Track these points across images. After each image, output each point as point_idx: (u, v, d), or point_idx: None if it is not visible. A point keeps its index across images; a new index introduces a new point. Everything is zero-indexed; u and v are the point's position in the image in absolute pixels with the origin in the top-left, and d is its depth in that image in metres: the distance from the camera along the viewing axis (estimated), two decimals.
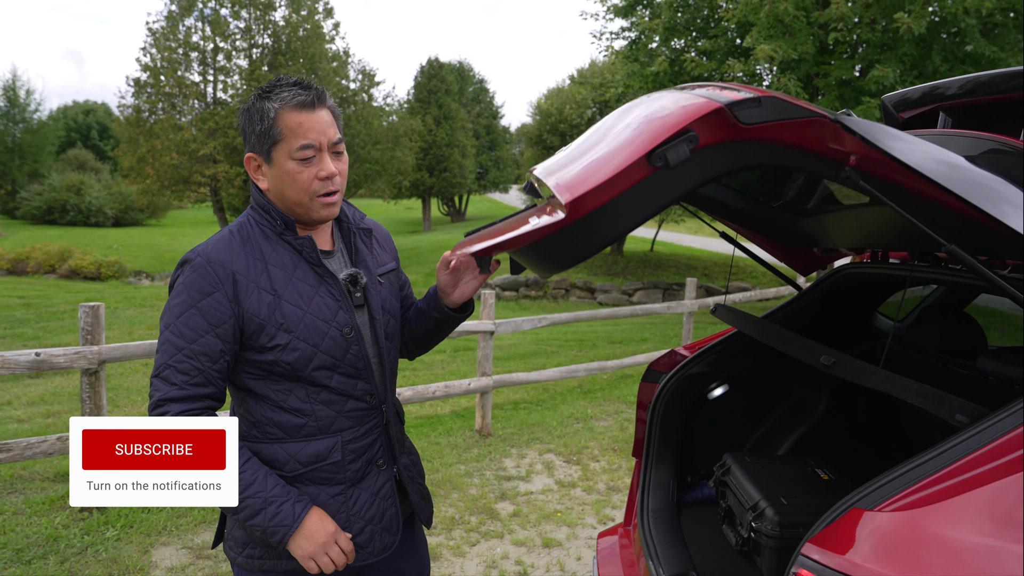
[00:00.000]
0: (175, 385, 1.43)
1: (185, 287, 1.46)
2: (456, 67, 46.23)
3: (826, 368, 1.62)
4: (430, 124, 35.79)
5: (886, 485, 1.22)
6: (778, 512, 1.98)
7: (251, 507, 1.45)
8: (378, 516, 1.62)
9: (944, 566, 1.10)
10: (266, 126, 1.48)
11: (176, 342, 1.44)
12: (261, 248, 1.52)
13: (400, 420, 1.76)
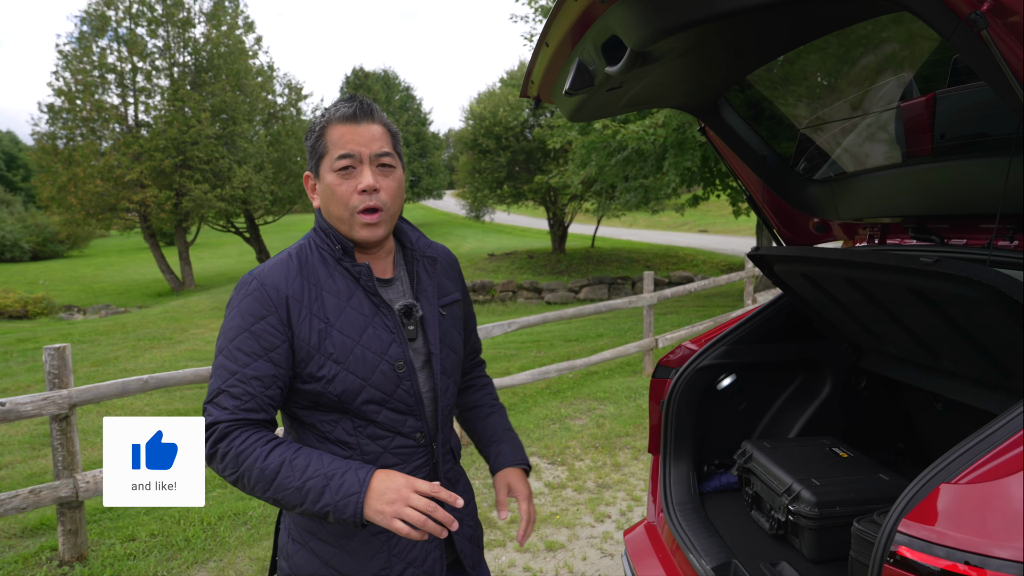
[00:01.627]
0: (227, 410, 1.39)
1: (239, 311, 1.43)
2: (381, 76, 45.85)
3: (929, 266, 1.56)
4: None
5: (962, 456, 1.28)
6: (815, 493, 2.04)
7: (314, 488, 1.33)
8: (420, 558, 1.53)
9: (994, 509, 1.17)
10: (313, 141, 1.49)
11: (229, 366, 1.40)
12: (318, 273, 1.47)
13: (454, 457, 1.67)
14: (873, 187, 2.17)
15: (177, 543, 4.02)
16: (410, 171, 44.85)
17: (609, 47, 1.52)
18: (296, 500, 1.33)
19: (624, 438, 5.76)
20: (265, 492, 1.34)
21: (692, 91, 2.17)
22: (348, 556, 1.50)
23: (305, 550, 1.53)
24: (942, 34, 1.25)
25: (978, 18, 1.16)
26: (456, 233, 38.40)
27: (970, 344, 1.82)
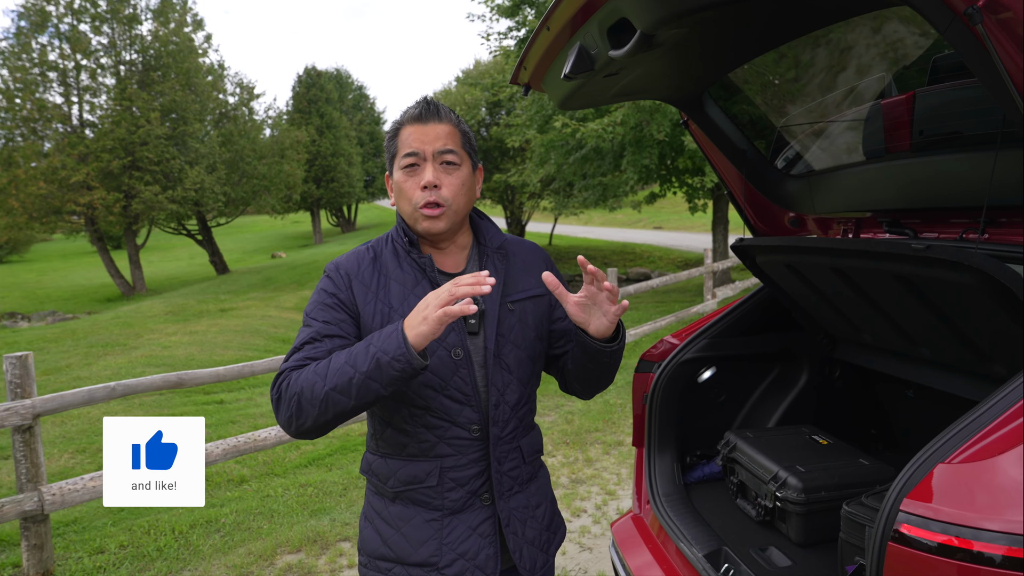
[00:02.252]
0: (296, 360, 1.47)
1: (318, 289, 1.57)
2: (334, 75, 45.28)
3: (920, 252, 1.61)
4: (313, 134, 34.87)
5: (953, 438, 1.34)
6: (801, 479, 2.11)
7: (360, 351, 1.38)
8: (473, 552, 1.55)
9: (1019, 494, 1.23)
10: (387, 142, 1.59)
11: (305, 331, 1.52)
12: (388, 264, 1.57)
13: (523, 457, 1.64)
14: (850, 182, 2.25)
15: (148, 553, 3.93)
16: (364, 171, 44.45)
17: (615, 30, 1.56)
18: (348, 372, 1.37)
19: (594, 433, 5.82)
20: (323, 388, 1.38)
21: (679, 84, 2.22)
22: (403, 539, 1.56)
23: (371, 527, 1.62)
24: (938, 28, 1.31)
25: (974, 12, 1.22)
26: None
27: (950, 330, 1.91)
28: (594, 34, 1.65)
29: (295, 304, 16.12)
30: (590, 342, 1.51)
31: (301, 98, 39.29)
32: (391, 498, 1.58)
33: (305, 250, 35.46)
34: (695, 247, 23.59)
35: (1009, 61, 1.30)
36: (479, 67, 25.63)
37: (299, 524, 4.23)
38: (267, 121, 26.89)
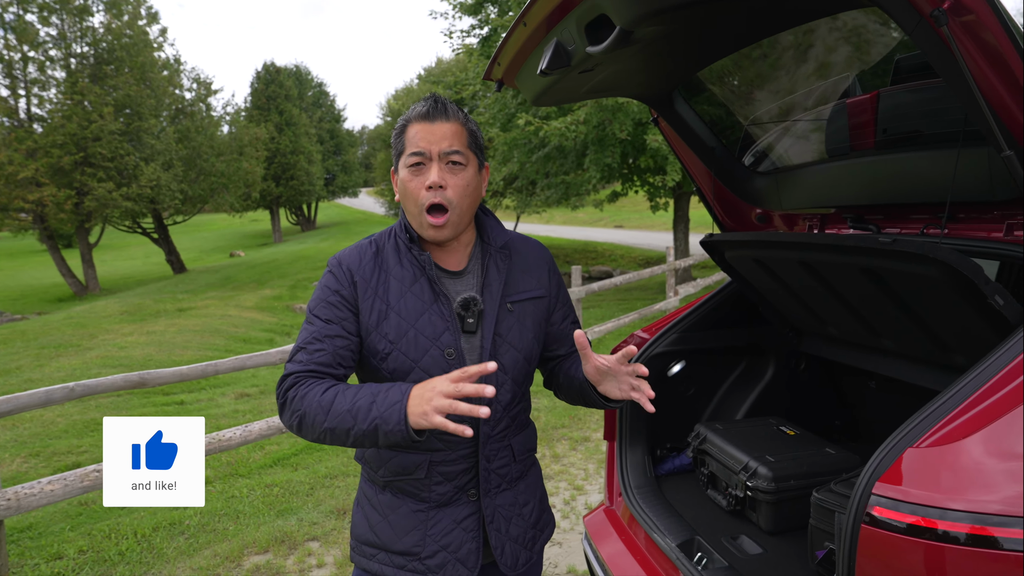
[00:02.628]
0: (300, 363, 1.50)
1: (321, 285, 1.58)
2: (293, 71, 44.64)
3: (887, 246, 1.67)
4: (272, 131, 34.33)
5: (919, 424, 1.39)
6: (771, 469, 2.16)
7: (363, 406, 1.39)
8: (455, 545, 1.58)
9: (983, 477, 1.29)
10: (394, 138, 1.58)
11: (308, 328, 1.54)
12: (388, 260, 1.58)
13: (515, 457, 1.66)
14: (816, 179, 2.32)
15: (110, 558, 3.84)
16: (324, 168, 43.95)
17: (593, 27, 1.57)
18: (348, 422, 1.40)
19: (561, 430, 5.86)
20: (323, 423, 1.41)
21: (650, 81, 2.25)
22: (389, 526, 1.59)
23: (361, 513, 1.66)
24: (905, 29, 1.35)
25: (940, 15, 1.27)
26: (373, 231, 37.84)
27: (913, 322, 1.97)
28: (571, 30, 1.67)
29: (255, 303, 15.86)
30: (595, 396, 1.58)
31: (260, 95, 38.65)
32: (382, 486, 1.61)
33: (264, 249, 34.91)
34: (656, 245, 23.86)
35: (972, 62, 1.36)
36: (441, 65, 25.61)
37: (266, 525, 4.17)
38: (225, 117, 26.42)
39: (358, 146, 55.35)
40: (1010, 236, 1.78)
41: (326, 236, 37.08)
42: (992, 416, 1.39)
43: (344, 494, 4.63)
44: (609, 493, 2.69)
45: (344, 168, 47.51)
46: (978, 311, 1.67)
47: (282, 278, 20.37)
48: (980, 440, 1.37)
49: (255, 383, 8.74)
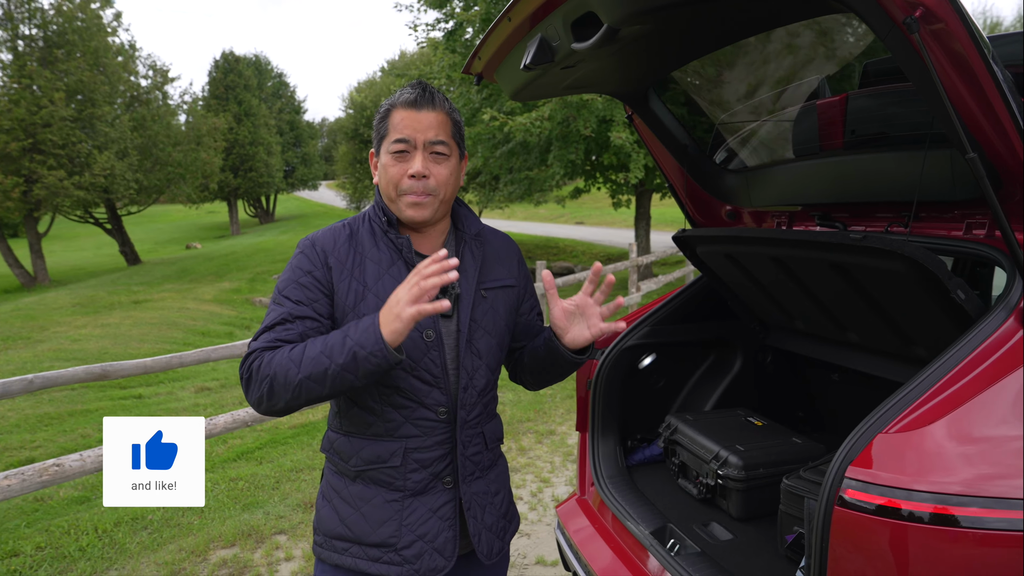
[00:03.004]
0: (265, 340, 1.47)
1: (292, 266, 1.56)
2: (253, 61, 43.82)
3: (858, 242, 1.74)
4: (230, 122, 33.67)
5: (887, 412, 1.46)
6: (741, 458, 2.23)
7: (336, 342, 1.39)
8: (432, 534, 1.56)
9: (945, 461, 1.37)
10: (378, 121, 1.57)
11: (277, 309, 1.51)
12: (364, 243, 1.57)
13: (485, 443, 1.66)
14: (786, 178, 2.39)
15: (70, 554, 3.76)
16: (283, 160, 43.27)
17: (580, 24, 1.60)
18: (324, 362, 1.38)
19: (526, 423, 5.91)
20: (297, 375, 1.38)
21: (628, 78, 2.29)
22: (361, 519, 1.56)
23: (329, 506, 1.61)
24: (878, 34, 1.42)
25: (912, 22, 1.33)
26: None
27: (878, 316, 2.06)
28: (557, 26, 1.70)
29: (214, 296, 15.58)
30: (562, 349, 1.56)
31: (218, 84, 37.84)
32: (352, 477, 1.58)
33: (222, 241, 34.25)
34: (616, 242, 24.08)
35: (940, 68, 1.43)
36: (405, 58, 25.39)
37: (232, 519, 4.13)
38: (182, 106, 25.82)
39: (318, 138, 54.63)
40: (968, 234, 1.87)
41: (285, 229, 36.54)
42: (953, 404, 1.47)
43: (310, 487, 4.61)
44: (581, 483, 2.74)
45: (304, 160, 46.85)
46: (940, 305, 1.75)
47: (241, 271, 20.04)
48: (942, 426, 1.44)
49: (215, 376, 8.61)
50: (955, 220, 1.91)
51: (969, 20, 1.34)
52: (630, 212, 18.56)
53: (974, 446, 1.44)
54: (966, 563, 1.34)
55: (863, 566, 1.38)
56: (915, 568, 1.36)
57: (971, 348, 1.52)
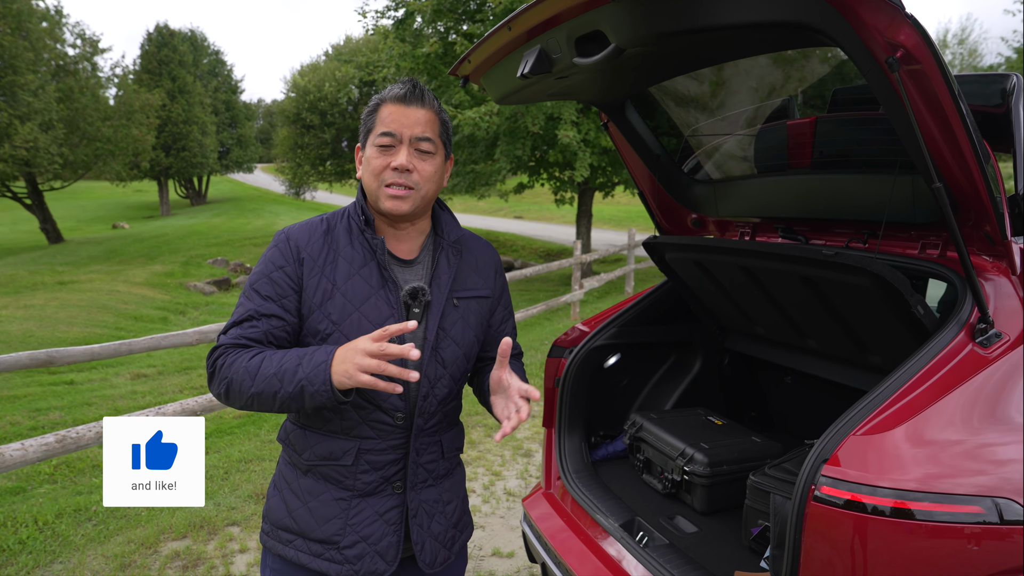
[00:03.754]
0: (232, 336, 1.50)
1: (265, 259, 1.56)
2: (188, 36, 42.25)
3: (830, 258, 1.87)
4: (164, 98, 32.44)
5: (856, 414, 1.60)
6: (706, 455, 2.36)
7: (288, 368, 1.41)
8: (376, 537, 1.56)
9: (902, 459, 1.52)
10: (366, 115, 1.58)
11: (245, 304, 1.53)
12: (339, 240, 1.57)
13: (442, 451, 1.66)
14: (753, 190, 2.53)
15: (9, 547, 3.63)
16: (218, 141, 41.96)
17: (584, 40, 1.66)
18: (275, 385, 1.41)
19: (475, 417, 5.97)
20: (250, 388, 1.43)
21: (609, 89, 2.38)
22: (308, 513, 1.56)
23: (279, 497, 1.62)
24: (861, 70, 1.54)
25: (893, 62, 1.46)
26: (269, 210, 36.55)
27: (839, 325, 2.22)
28: (560, 40, 1.76)
29: (146, 279, 15.04)
30: (487, 402, 1.63)
31: (151, 58, 36.35)
32: (303, 471, 1.58)
33: (151, 222, 32.97)
34: (555, 238, 24.35)
35: (914, 104, 1.57)
36: (350, 43, 24.95)
37: (181, 510, 4.05)
38: (113, 79, 24.69)
39: (255, 120, 53.16)
40: (923, 254, 2.04)
41: (219, 212, 35.45)
42: (912, 409, 1.62)
43: (260, 478, 4.56)
44: (547, 477, 2.83)
45: (239, 142, 45.51)
46: (900, 318, 1.91)
47: (174, 254, 19.39)
48: (902, 430, 1.59)
49: (151, 363, 8.36)
50: (911, 240, 2.07)
51: (943, 63, 1.48)
52: (568, 209, 18.80)
53: (929, 448, 1.59)
54: (921, 553, 1.48)
55: (832, 556, 1.51)
56: (877, 557, 1.50)
57: (928, 359, 1.67)
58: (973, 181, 1.64)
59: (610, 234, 24.51)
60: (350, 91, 16.25)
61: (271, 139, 63.49)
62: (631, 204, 33.41)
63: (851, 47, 1.51)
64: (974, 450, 1.56)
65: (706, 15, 1.43)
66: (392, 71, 14.17)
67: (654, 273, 15.06)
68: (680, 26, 1.46)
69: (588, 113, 12.99)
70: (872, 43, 1.49)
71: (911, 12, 1.42)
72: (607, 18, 1.55)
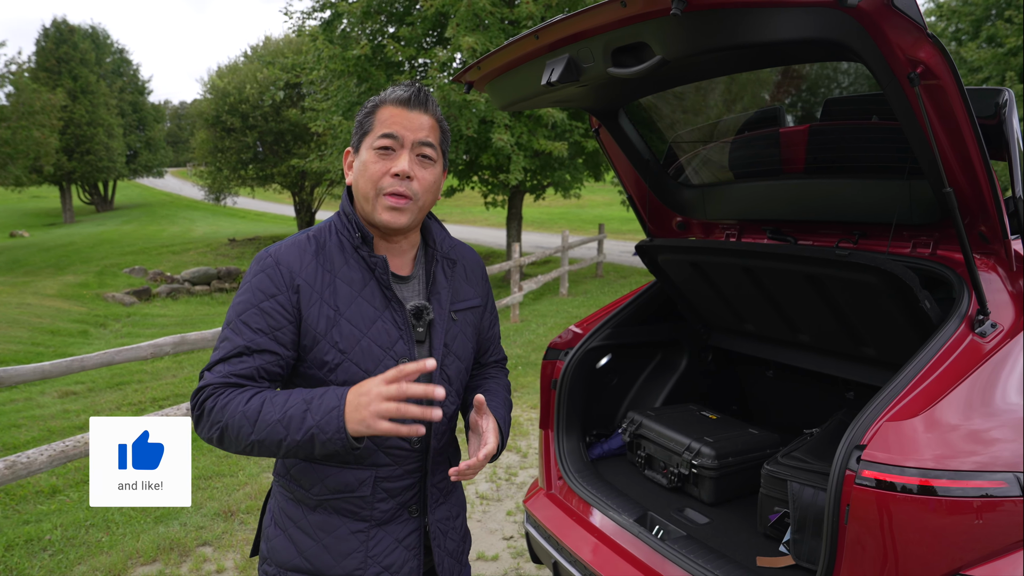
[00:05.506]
0: (219, 374, 1.37)
1: (251, 286, 1.41)
2: (89, 32, 40.07)
3: (842, 257, 1.97)
4: (65, 99, 30.66)
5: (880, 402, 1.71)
6: (713, 448, 2.46)
7: (295, 415, 1.30)
8: (397, 564, 1.50)
9: (927, 436, 1.65)
10: (362, 117, 1.48)
11: (233, 339, 1.39)
12: (333, 259, 1.45)
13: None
14: (743, 194, 2.65)
15: None
16: (126, 144, 39.99)
17: (622, 51, 1.69)
18: (280, 433, 1.30)
19: None
20: (250, 436, 1.31)
21: (608, 97, 2.44)
22: (323, 550, 1.48)
23: (284, 536, 1.51)
24: (880, 84, 1.66)
25: (915, 77, 1.58)
26: (183, 216, 35.14)
27: (838, 320, 2.35)
28: (595, 50, 1.79)
29: (58, 291, 14.20)
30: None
31: (48, 55, 34.23)
32: (312, 506, 1.49)
33: (54, 230, 31.09)
34: (483, 241, 24.34)
35: (931, 116, 1.69)
36: (270, 44, 24.26)
37: (146, 532, 3.88)
38: (8, 76, 23.17)
39: (164, 122, 50.93)
40: (914, 252, 2.19)
41: (129, 218, 33.80)
42: (927, 395, 1.75)
43: (224, 495, 4.41)
44: (547, 478, 2.86)
45: (148, 145, 43.45)
46: (904, 312, 2.05)
47: (85, 263, 18.39)
48: (922, 414, 1.72)
49: (80, 380, 7.92)
50: (903, 240, 2.23)
51: (959, 79, 1.61)
52: (495, 212, 18.89)
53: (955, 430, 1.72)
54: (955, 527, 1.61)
55: (877, 536, 1.62)
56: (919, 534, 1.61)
57: (936, 350, 1.81)
58: (977, 186, 1.79)
59: (536, 236, 24.77)
60: (274, 94, 15.83)
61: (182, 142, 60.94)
62: (553, 206, 33.87)
63: (874, 62, 1.62)
64: (991, 430, 1.70)
65: (754, 32, 1.51)
66: (322, 72, 13.89)
67: (587, 275, 15.34)
68: (728, 42, 1.53)
69: (520, 117, 13.11)
70: (893, 59, 1.60)
71: (932, 32, 1.54)
72: (655, 31, 1.59)
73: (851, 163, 2.34)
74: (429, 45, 13.92)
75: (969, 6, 17.95)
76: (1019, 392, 1.80)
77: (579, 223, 28.29)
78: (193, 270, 18.07)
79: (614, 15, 1.62)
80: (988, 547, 1.61)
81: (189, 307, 15.30)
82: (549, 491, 2.83)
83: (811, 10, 1.50)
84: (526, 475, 4.68)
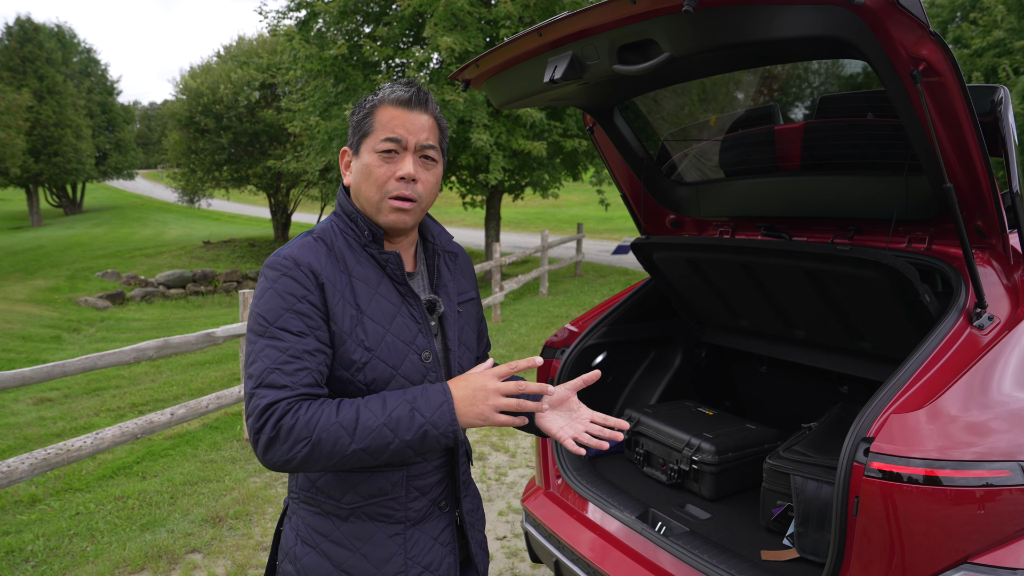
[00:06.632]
0: (285, 387, 1.31)
1: (277, 292, 1.37)
2: (55, 31, 39.23)
3: (844, 252, 2.00)
4: (31, 99, 29.99)
5: (884, 396, 1.74)
6: (713, 444, 2.47)
7: (402, 416, 1.30)
8: (436, 562, 1.50)
9: (933, 428, 1.67)
10: (361, 117, 1.45)
11: (278, 346, 1.33)
12: (345, 259, 1.44)
13: (468, 460, 1.65)
14: (737, 191, 2.67)
15: None
16: (95, 146, 39.24)
17: (628, 48, 1.69)
18: (387, 436, 1.29)
19: None
20: (349, 445, 1.28)
21: (605, 94, 2.45)
22: (362, 559, 1.45)
23: (316, 553, 1.47)
24: (882, 81, 1.68)
25: (917, 74, 1.60)
26: (155, 218, 34.58)
27: (835, 315, 2.38)
28: (599, 47, 1.79)
29: (28, 295, 13.90)
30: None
31: (12, 54, 33.41)
32: (344, 517, 1.46)
33: (20, 233, 30.39)
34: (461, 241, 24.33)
35: (932, 113, 1.72)
36: (243, 44, 23.95)
37: (133, 540, 3.81)
38: None
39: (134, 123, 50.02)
40: (910, 247, 2.23)
41: (99, 221, 33.16)
42: (929, 388, 1.78)
43: (211, 500, 4.35)
44: (545, 478, 2.86)
45: (118, 147, 42.65)
46: (903, 306, 2.08)
47: (56, 268, 18.02)
48: (926, 406, 1.75)
49: (55, 386, 7.75)
50: (899, 235, 2.26)
51: (961, 76, 1.63)
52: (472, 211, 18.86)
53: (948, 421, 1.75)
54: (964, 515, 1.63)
55: (890, 526, 1.64)
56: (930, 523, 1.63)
57: (937, 343, 1.84)
58: (976, 182, 1.82)
59: (514, 236, 24.77)
60: (249, 94, 15.62)
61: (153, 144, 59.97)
62: (530, 206, 33.90)
63: (877, 60, 1.64)
64: (992, 420, 1.73)
65: (762, 29, 1.52)
66: (298, 72, 13.76)
67: (567, 275, 15.37)
68: (736, 39, 1.54)
69: (499, 117, 13.10)
70: (896, 57, 1.62)
71: (935, 30, 1.56)
72: (664, 28, 1.60)
73: (847, 160, 2.36)
74: (406, 45, 13.87)
75: (935, 8, 18.36)
76: (1018, 382, 1.83)
77: (556, 223, 28.35)
78: (168, 273, 17.79)
79: (622, 12, 1.62)
80: (994, 535, 1.64)
81: (165, 311, 15.06)
82: (548, 490, 2.83)
83: (819, 8, 1.51)
84: (516, 475, 4.67)
